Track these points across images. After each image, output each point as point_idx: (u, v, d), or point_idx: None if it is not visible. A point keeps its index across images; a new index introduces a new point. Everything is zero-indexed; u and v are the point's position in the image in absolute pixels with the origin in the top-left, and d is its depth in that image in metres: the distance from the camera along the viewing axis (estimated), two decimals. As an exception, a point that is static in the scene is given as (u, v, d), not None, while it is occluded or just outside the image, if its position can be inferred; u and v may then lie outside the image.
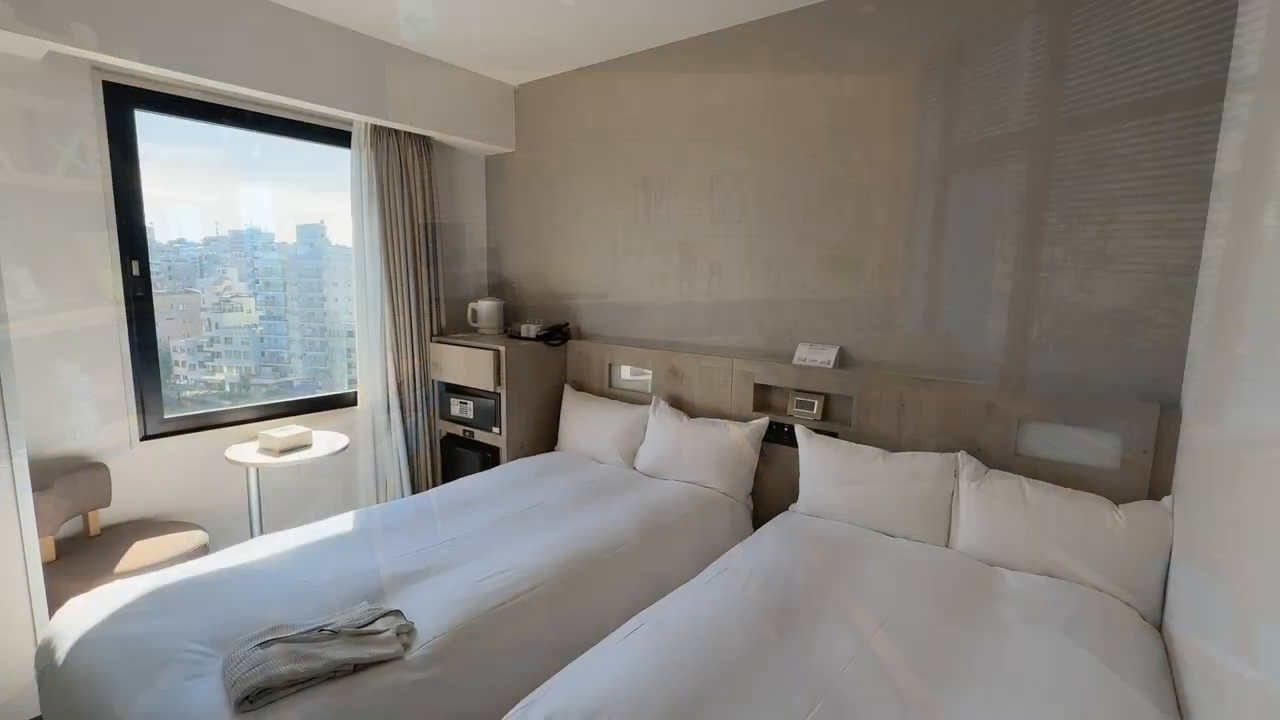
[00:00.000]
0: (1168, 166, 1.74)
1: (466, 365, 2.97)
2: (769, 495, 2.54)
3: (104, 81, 2.23)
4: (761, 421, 2.49)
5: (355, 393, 3.06)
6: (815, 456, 2.24)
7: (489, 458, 3.00)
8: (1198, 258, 1.72)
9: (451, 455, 3.20)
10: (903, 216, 2.21)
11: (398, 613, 1.50)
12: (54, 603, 1.85)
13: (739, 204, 2.61)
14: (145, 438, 2.45)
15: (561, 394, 3.15)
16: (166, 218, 2.54)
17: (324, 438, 2.73)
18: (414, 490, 3.11)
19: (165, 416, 2.51)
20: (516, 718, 1.20)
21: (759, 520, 2.47)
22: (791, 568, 1.78)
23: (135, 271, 2.38)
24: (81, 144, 2.19)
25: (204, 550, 2.26)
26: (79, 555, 2.12)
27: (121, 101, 2.29)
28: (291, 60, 2.47)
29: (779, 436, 2.50)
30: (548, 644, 1.61)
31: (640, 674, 1.29)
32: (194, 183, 2.66)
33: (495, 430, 2.96)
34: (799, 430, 2.35)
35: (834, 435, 2.32)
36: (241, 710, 1.19)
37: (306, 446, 2.61)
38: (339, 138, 2.95)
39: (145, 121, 2.38)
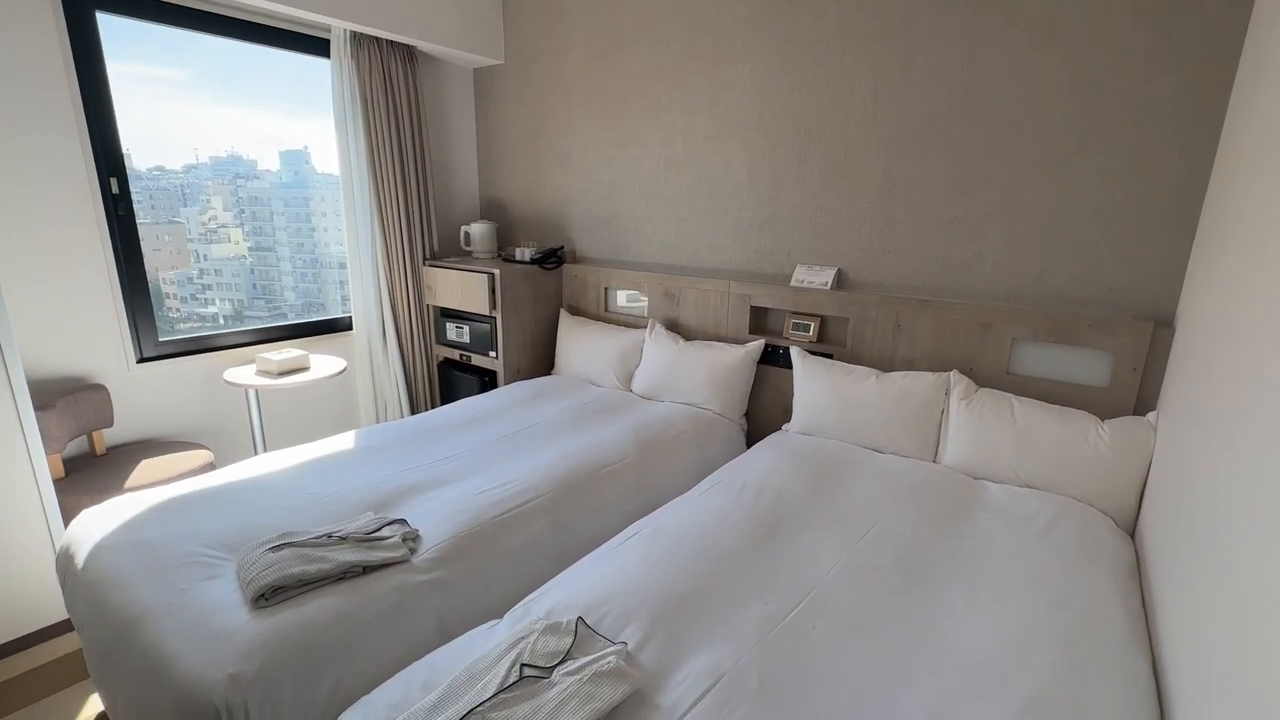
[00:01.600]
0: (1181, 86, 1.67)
1: (461, 289, 2.94)
2: (763, 416, 2.59)
3: (59, -22, 2.08)
4: (757, 344, 2.49)
5: (350, 317, 3.05)
6: (809, 377, 2.27)
7: (486, 381, 3.03)
8: (1207, 171, 1.68)
9: (448, 379, 3.22)
10: (907, 129, 2.13)
11: (403, 521, 1.55)
12: (67, 517, 1.92)
13: (739, 118, 2.51)
14: (142, 360, 2.45)
15: (557, 318, 3.14)
16: (142, 143, 2.43)
17: (321, 361, 2.73)
18: (413, 413, 3.16)
19: (160, 340, 2.51)
20: (520, 612, 1.27)
21: (753, 440, 2.53)
22: (783, 480, 1.84)
23: (114, 189, 2.30)
24: (40, 48, 2.07)
25: (210, 468, 2.31)
26: (88, 473, 2.17)
27: (80, 1, 2.14)
28: (260, -44, 2.29)
29: (774, 359, 2.52)
30: (548, 551, 1.68)
31: (637, 573, 1.36)
32: (169, 107, 2.52)
33: (491, 354, 2.97)
34: (794, 352, 2.36)
35: (829, 357, 2.34)
36: (257, 606, 1.25)
37: (304, 369, 2.62)
38: (317, 46, 2.78)
39: (111, 35, 2.22)
